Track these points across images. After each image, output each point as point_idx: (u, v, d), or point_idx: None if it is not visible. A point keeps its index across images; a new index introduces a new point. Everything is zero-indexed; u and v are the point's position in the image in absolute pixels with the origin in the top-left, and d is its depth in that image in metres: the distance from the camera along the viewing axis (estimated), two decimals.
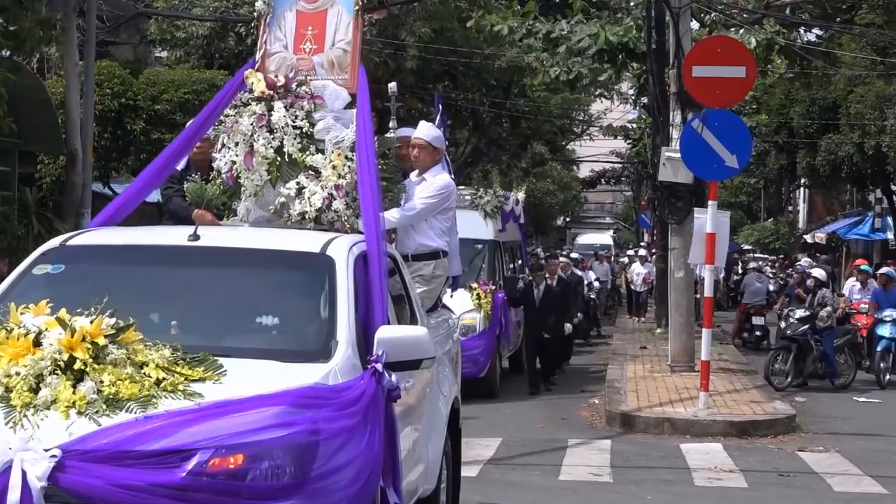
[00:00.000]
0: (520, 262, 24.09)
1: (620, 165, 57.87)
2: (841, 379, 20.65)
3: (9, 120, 18.36)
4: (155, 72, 25.90)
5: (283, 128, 8.40)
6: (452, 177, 10.36)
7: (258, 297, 7.17)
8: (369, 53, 27.55)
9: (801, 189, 59.07)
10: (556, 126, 46.88)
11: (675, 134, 19.79)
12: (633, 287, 36.55)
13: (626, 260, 42.85)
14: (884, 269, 23.25)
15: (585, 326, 27.70)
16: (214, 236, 7.55)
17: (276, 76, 8.74)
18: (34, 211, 20.52)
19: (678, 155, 17.90)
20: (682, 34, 20.27)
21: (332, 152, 8.32)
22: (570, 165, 68.23)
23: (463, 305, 17.58)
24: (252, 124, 8.43)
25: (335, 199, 8.11)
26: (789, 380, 20.00)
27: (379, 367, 6.36)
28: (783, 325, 21.31)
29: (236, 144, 8.47)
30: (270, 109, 8.48)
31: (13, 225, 20.07)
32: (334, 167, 8.23)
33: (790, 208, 63.37)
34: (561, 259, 25.28)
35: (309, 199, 8.17)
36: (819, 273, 23.28)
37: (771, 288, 30.25)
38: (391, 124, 11.05)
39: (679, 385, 18.91)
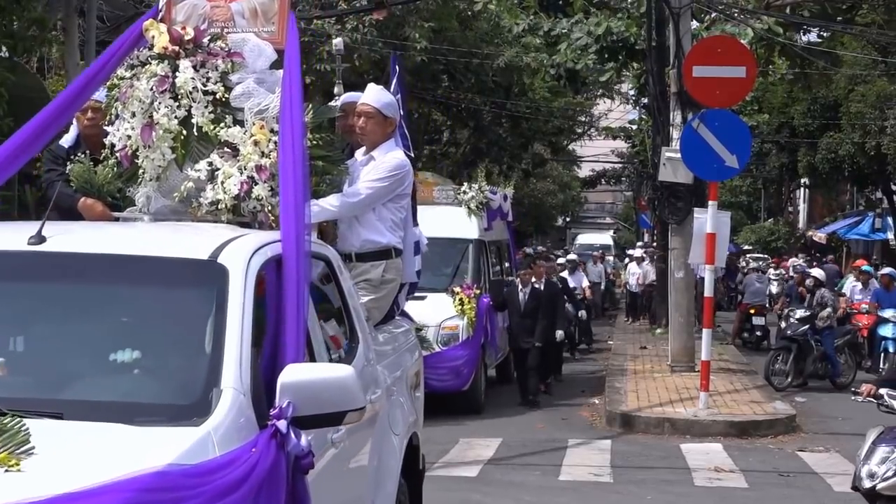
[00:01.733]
0: (507, 263, 22.18)
1: (620, 165, 57.85)
2: (841, 379, 20.64)
3: (8, 120, 18.38)
4: None
5: (190, 93, 6.69)
6: (411, 153, 8.59)
7: (116, 324, 5.31)
8: (370, 53, 27.61)
9: (802, 189, 59.08)
10: (557, 126, 46.87)
11: (675, 134, 19.80)
12: (629, 288, 36.00)
13: (627, 260, 42.69)
14: (887, 270, 23.25)
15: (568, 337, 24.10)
16: (66, 238, 5.58)
17: (184, 28, 6.93)
18: (34, 210, 20.50)
19: (678, 155, 17.89)
20: (682, 34, 20.26)
21: (254, 124, 6.65)
22: (570, 165, 68.29)
23: (444, 312, 17.02)
24: (152, 89, 6.68)
25: (257, 184, 6.48)
26: (789, 380, 19.99)
27: (281, 425, 4.58)
28: (783, 325, 21.31)
29: (132, 115, 6.72)
30: (175, 70, 6.74)
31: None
32: (256, 143, 6.59)
33: (790, 208, 63.40)
34: (555, 262, 23.87)
35: (223, 183, 6.54)
36: (818, 273, 23.27)
37: (774, 290, 30.16)
38: (336, 90, 10.37)
39: (679, 385, 18.91)
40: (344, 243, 7.61)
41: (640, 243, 45.18)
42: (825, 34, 29.78)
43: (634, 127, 51.42)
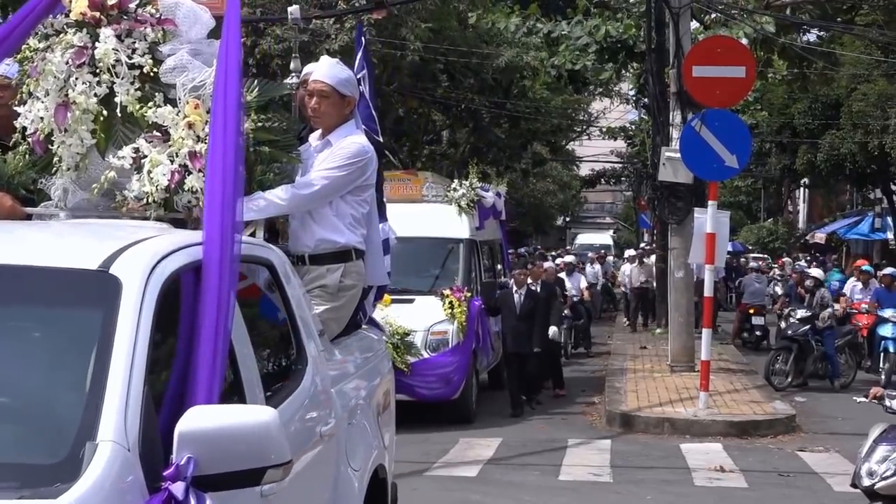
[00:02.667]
0: (500, 265, 21.24)
1: (620, 165, 57.88)
2: (841, 379, 20.62)
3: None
4: None
5: (113, 67, 5.61)
6: (379, 138, 7.58)
7: None
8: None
9: (801, 189, 59.11)
10: (556, 126, 46.85)
11: (674, 134, 19.80)
12: (624, 290, 35.17)
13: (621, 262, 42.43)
14: (889, 270, 23.25)
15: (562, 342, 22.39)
16: None
17: None
18: None
19: (678, 155, 17.89)
20: (682, 34, 20.27)
21: (187, 103, 5.60)
22: (570, 165, 68.30)
23: (433, 315, 16.18)
24: (67, 62, 5.60)
25: (191, 173, 5.44)
26: (789, 380, 19.98)
27: (177, 489, 3.49)
28: (783, 325, 21.31)
29: (46, 94, 5.64)
30: (95, 40, 5.65)
31: None
32: (190, 125, 5.53)
33: (790, 208, 63.42)
34: (547, 264, 22.57)
35: (149, 173, 5.50)
36: (818, 273, 23.26)
37: (779, 290, 30.11)
38: (292, 65, 9.30)
39: (679, 385, 18.90)
40: (296, 243, 6.53)
41: (643, 245, 44.93)
42: (824, 35, 29.80)
43: (634, 127, 51.43)
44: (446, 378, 15.87)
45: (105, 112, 5.66)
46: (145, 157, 5.55)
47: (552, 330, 18.08)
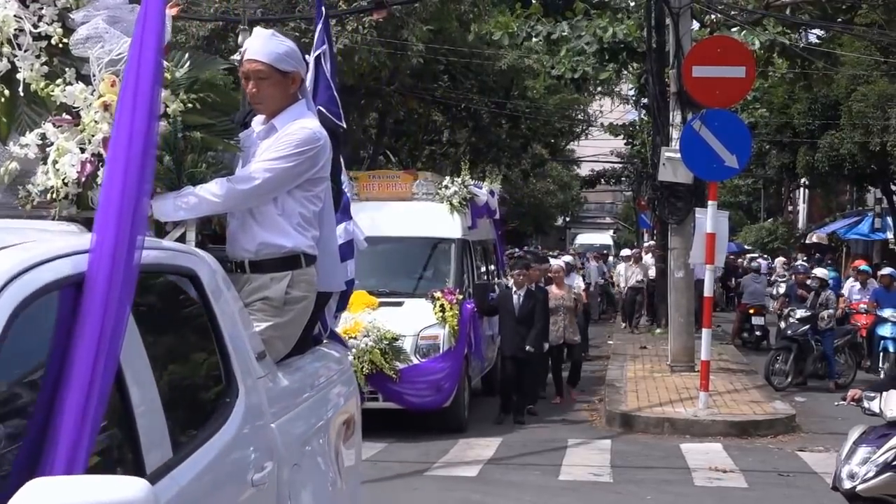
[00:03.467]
0: (494, 265, 20.46)
1: (620, 165, 57.88)
2: (840, 379, 20.63)
3: None
4: None
5: (14, 37, 4.79)
6: (342, 124, 6.31)
7: None
8: (369, 55, 27.62)
9: (801, 189, 59.12)
10: (556, 128, 46.87)
11: (674, 134, 19.82)
12: (619, 290, 34.66)
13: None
14: (888, 270, 23.26)
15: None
16: None
17: None
18: None
19: (678, 155, 17.89)
20: (681, 34, 20.28)
21: (103, 80, 4.76)
22: (570, 165, 68.32)
23: (423, 319, 15.46)
24: None
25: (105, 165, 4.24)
26: (789, 380, 19.98)
27: None
28: (783, 325, 21.31)
29: None
30: None
31: None
32: (106, 107, 4.67)
33: (790, 208, 63.43)
34: (556, 262, 21.54)
35: (55, 164, 4.69)
36: (822, 273, 23.24)
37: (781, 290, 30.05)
38: (240, 38, 7.87)
39: (679, 385, 18.91)
40: (234, 248, 5.48)
41: (646, 244, 44.62)
42: (825, 35, 29.82)
43: (634, 127, 51.46)
44: (437, 385, 15.14)
45: (6, 91, 4.84)
46: (52, 144, 4.70)
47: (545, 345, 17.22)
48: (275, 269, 5.42)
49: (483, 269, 18.93)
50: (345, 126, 6.35)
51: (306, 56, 6.01)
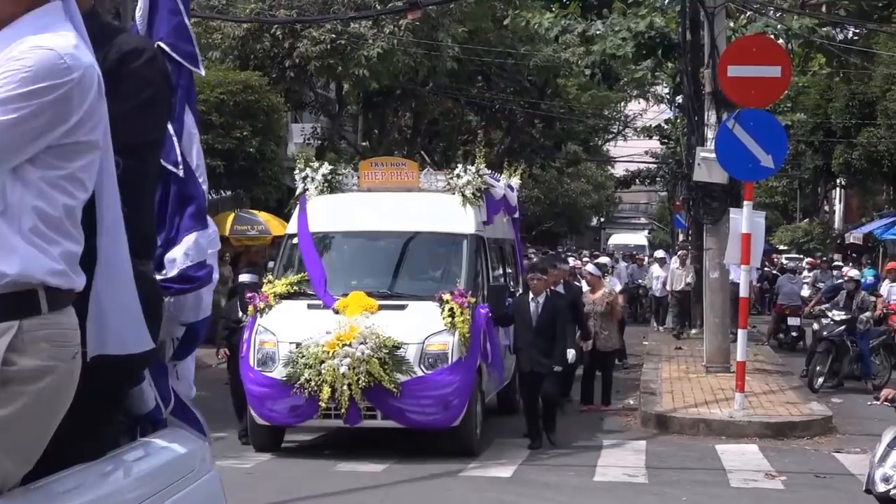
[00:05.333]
0: (512, 269, 18.07)
1: (655, 166, 57.80)
2: (876, 380, 20.52)
3: None
4: None
5: None
6: (201, 70, 4.17)
7: None
8: (405, 56, 27.70)
9: (837, 189, 58.81)
10: (590, 126, 46.84)
11: (709, 134, 19.77)
12: (651, 293, 32.98)
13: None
14: None
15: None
16: None
17: None
18: None
19: (713, 155, 17.85)
20: (716, 34, 20.21)
21: None
22: (604, 165, 68.27)
23: (430, 325, 13.55)
24: None
25: None
26: (821, 381, 19.87)
27: None
28: (816, 326, 21.21)
29: None
30: None
31: None
32: None
33: (826, 208, 63.09)
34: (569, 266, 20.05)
35: None
36: (856, 273, 23.11)
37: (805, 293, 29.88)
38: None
39: (714, 386, 18.84)
40: None
41: (680, 244, 43.96)
42: (862, 31, 29.68)
43: (669, 126, 51.35)
44: (445, 401, 13.27)
45: None
46: None
47: (570, 353, 14.96)
48: None
49: (499, 272, 16.73)
50: (202, 72, 4.23)
51: None
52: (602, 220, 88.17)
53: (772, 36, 23.17)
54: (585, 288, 18.59)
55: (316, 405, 13.18)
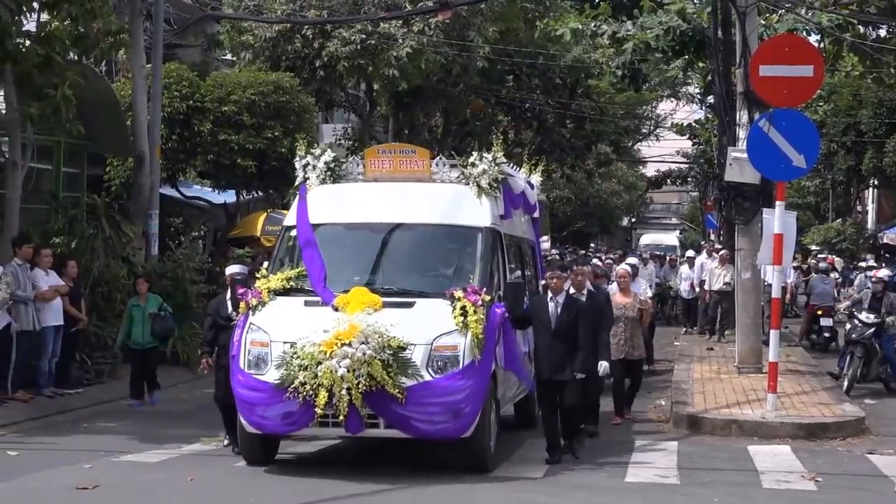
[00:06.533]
0: (531, 271, 16.66)
1: (686, 166, 57.60)
2: None
3: (77, 123, 18.61)
4: (222, 74, 26.17)
5: None
6: None
7: None
8: (436, 56, 27.68)
9: (870, 189, 58.52)
10: (621, 127, 46.71)
11: (741, 133, 19.72)
12: (679, 294, 31.98)
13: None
14: None
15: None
16: None
17: None
18: (103, 213, 20.79)
19: (745, 155, 17.79)
20: (748, 33, 20.12)
21: None
22: (636, 165, 68.14)
23: (440, 325, 12.42)
24: None
25: None
26: (847, 382, 19.77)
27: None
28: (848, 326, 21.11)
29: None
30: None
31: (82, 226, 20.35)
32: None
33: (859, 209, 62.77)
34: (593, 264, 19.09)
35: None
36: (885, 274, 22.96)
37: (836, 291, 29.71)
38: None
39: (746, 386, 18.77)
40: None
41: (711, 242, 43.28)
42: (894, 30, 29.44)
43: (699, 126, 51.19)
44: (455, 409, 12.14)
45: None
46: None
47: (602, 366, 13.85)
48: None
49: (517, 275, 15.37)
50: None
51: None
52: (633, 220, 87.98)
53: (803, 33, 23.12)
54: (614, 289, 17.45)
55: (312, 412, 11.96)
